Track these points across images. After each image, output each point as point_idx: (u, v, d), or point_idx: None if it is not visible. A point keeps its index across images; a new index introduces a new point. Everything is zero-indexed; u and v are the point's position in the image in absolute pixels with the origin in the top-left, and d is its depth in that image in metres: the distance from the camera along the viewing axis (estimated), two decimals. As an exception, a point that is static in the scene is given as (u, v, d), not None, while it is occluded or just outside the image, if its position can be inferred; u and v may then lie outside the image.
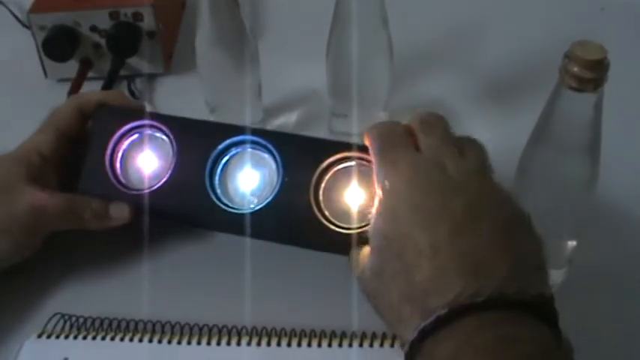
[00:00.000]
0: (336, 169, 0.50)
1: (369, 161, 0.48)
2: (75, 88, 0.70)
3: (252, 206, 0.51)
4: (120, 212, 0.53)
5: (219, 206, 0.51)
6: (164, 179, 0.52)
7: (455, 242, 0.39)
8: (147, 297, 0.53)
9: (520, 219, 0.41)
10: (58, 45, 0.70)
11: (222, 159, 0.53)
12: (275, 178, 0.51)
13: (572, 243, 0.51)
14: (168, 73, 0.75)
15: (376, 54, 0.61)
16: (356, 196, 0.49)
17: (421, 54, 0.76)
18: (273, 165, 0.51)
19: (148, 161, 0.54)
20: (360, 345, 0.48)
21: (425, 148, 0.44)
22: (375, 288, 0.42)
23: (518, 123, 0.50)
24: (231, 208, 0.51)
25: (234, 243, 0.54)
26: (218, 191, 0.52)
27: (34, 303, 0.52)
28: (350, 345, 0.48)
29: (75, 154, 0.55)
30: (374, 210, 0.43)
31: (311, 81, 0.68)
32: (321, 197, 0.50)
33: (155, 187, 0.52)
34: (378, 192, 0.43)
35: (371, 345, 0.48)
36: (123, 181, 0.54)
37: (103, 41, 0.71)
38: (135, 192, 0.53)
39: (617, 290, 0.53)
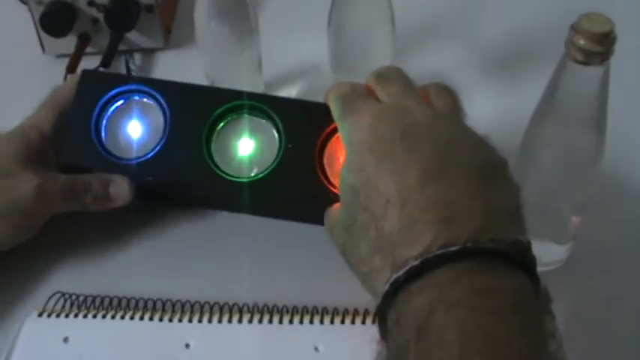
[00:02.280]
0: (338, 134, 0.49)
1: None
2: (73, 64, 0.69)
3: (252, 175, 0.49)
4: (121, 193, 0.52)
5: (217, 175, 0.49)
6: (157, 147, 0.51)
7: (424, 190, 0.37)
8: (148, 275, 0.53)
9: (495, 164, 0.40)
10: (55, 20, 0.68)
11: (218, 125, 0.51)
12: (276, 146, 0.49)
13: (576, 218, 0.51)
14: (167, 47, 0.73)
15: (378, 25, 0.60)
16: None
17: (423, 26, 0.74)
18: (274, 131, 0.50)
19: (137, 129, 0.53)
20: (363, 322, 0.48)
21: (386, 98, 0.44)
22: (345, 242, 0.42)
23: (522, 96, 0.50)
24: (230, 176, 0.49)
25: (234, 220, 0.54)
26: (216, 159, 0.50)
27: (34, 282, 0.52)
28: (352, 322, 0.48)
29: None
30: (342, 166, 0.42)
31: (312, 54, 0.67)
32: (325, 163, 0.49)
33: (147, 156, 0.51)
34: (346, 148, 0.42)
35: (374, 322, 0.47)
36: (110, 150, 0.52)
37: (101, 16, 0.70)
38: (124, 161, 0.51)
39: (622, 266, 0.52)
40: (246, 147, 0.51)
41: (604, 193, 0.52)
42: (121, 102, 0.53)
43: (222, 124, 0.51)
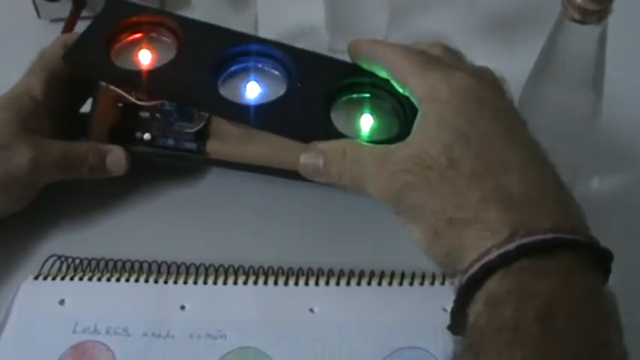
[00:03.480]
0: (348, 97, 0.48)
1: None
2: (68, 28, 0.68)
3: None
4: (117, 163, 0.52)
5: (223, 97, 0.49)
6: (163, 64, 0.50)
7: (535, 168, 0.37)
8: (143, 237, 0.52)
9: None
10: (49, -17, 0.68)
11: (227, 67, 0.50)
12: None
13: (570, 179, 0.50)
14: (163, 9, 0.72)
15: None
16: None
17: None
18: (285, 80, 0.50)
19: (147, 57, 0.52)
20: (358, 284, 0.48)
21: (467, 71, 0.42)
22: (417, 181, 0.38)
23: (519, 56, 0.49)
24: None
25: (228, 181, 0.54)
26: (222, 91, 0.49)
27: (30, 245, 0.52)
28: (348, 284, 0.48)
29: (66, 97, 0.54)
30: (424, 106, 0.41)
31: (309, 16, 0.67)
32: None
33: (152, 68, 0.51)
34: (438, 93, 0.40)
35: (379, 283, 0.48)
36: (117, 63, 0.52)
37: (95, -22, 0.69)
38: (130, 70, 0.51)
39: (620, 227, 0.52)
40: (253, 90, 0.50)
41: (600, 153, 0.51)
42: (139, 35, 0.53)
43: (232, 67, 0.51)
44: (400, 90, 0.44)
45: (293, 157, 0.52)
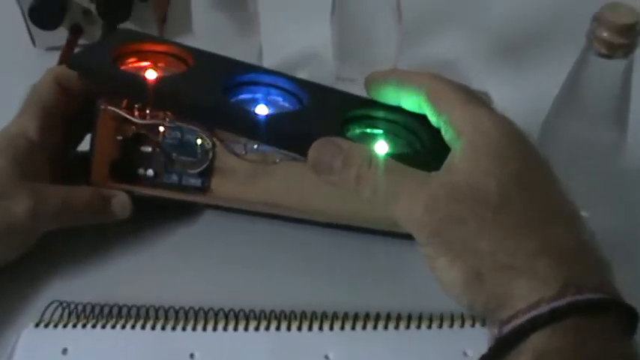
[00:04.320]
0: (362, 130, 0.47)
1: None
2: (65, 57, 0.67)
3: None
4: (121, 209, 0.51)
5: (233, 104, 0.47)
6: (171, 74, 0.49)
7: (577, 219, 0.37)
8: (148, 281, 0.51)
9: None
10: (45, 12, 0.67)
11: (236, 94, 0.49)
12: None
13: (586, 214, 0.49)
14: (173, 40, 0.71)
15: (384, 12, 0.59)
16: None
17: (430, 11, 0.73)
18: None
19: (154, 75, 0.50)
20: (374, 328, 0.47)
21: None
22: (463, 216, 0.36)
23: (534, 85, 0.48)
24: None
25: (237, 223, 0.52)
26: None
27: (30, 291, 0.50)
28: (364, 327, 0.47)
29: (63, 134, 0.53)
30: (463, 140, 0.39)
31: (314, 43, 0.66)
32: None
33: (160, 76, 0.49)
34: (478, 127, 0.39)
35: (396, 327, 0.47)
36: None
37: (92, 6, 0.68)
38: (137, 74, 0.49)
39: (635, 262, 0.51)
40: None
41: (623, 190, 0.50)
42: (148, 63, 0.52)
43: (240, 95, 0.49)
44: (433, 119, 0.42)
45: (305, 196, 0.52)
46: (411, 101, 0.44)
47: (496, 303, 0.35)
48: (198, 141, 0.53)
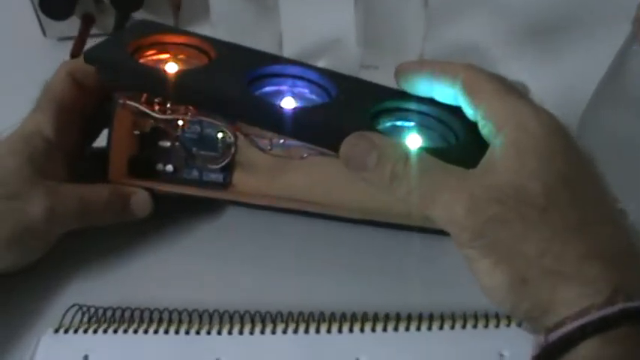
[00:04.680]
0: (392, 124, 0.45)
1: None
2: (77, 47, 0.66)
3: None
4: (142, 207, 0.50)
5: (258, 98, 0.45)
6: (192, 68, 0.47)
7: (623, 221, 0.35)
8: (172, 283, 0.49)
9: None
10: (56, 1, 0.65)
11: (261, 87, 0.47)
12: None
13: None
14: (177, 26, 0.70)
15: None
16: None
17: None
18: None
19: (174, 68, 0.49)
20: (407, 329, 0.45)
21: None
22: (508, 218, 0.34)
23: (558, 68, 0.45)
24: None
25: (262, 219, 0.51)
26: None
27: (48, 295, 0.49)
28: (395, 329, 0.45)
29: (79, 131, 0.51)
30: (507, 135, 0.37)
31: (337, 29, 0.64)
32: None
33: (180, 69, 0.47)
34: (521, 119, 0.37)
35: (429, 328, 0.45)
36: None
37: (104, -5, 0.66)
38: (156, 67, 0.47)
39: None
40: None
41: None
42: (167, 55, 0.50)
43: (265, 87, 0.47)
44: (470, 112, 0.41)
45: (333, 192, 0.51)
46: (446, 93, 0.42)
47: (541, 309, 0.34)
48: (219, 135, 0.52)
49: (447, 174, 0.37)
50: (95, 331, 0.45)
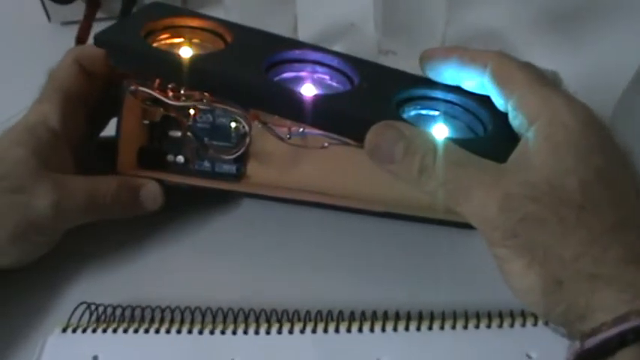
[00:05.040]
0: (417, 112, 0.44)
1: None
2: (83, 32, 0.65)
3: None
4: (152, 200, 0.48)
5: (278, 84, 0.44)
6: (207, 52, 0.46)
7: None
8: (184, 280, 0.48)
9: None
10: (60, -16, 0.64)
11: (279, 73, 0.45)
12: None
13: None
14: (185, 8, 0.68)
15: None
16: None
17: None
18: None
19: (189, 53, 0.47)
20: (430, 328, 0.43)
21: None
22: (543, 217, 0.33)
23: (582, 55, 0.44)
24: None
25: (278, 209, 0.50)
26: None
27: (55, 292, 0.47)
28: (418, 329, 0.43)
29: (86, 121, 0.50)
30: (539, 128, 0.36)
31: (354, 13, 0.63)
32: None
33: (199, 54, 0.46)
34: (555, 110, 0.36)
35: (453, 327, 0.44)
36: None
37: (111, -24, 0.65)
38: (170, 52, 0.46)
39: None
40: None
41: None
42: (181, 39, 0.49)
43: (283, 73, 0.46)
44: (500, 103, 0.39)
45: (355, 183, 0.49)
46: (474, 82, 0.41)
47: (577, 313, 0.32)
48: (232, 124, 0.50)
49: (479, 168, 0.35)
50: (104, 331, 0.44)
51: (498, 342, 0.43)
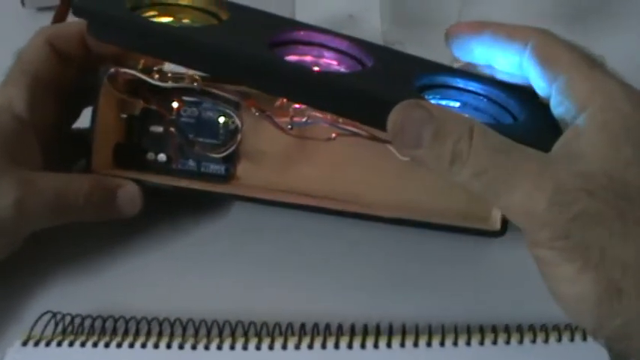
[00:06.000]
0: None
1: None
2: (59, 18, 0.62)
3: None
4: (130, 203, 0.45)
5: (286, 60, 0.40)
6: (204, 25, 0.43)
7: None
8: (163, 287, 0.45)
9: None
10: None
11: (281, 54, 0.42)
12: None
13: None
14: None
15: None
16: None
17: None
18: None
19: None
20: (468, 343, 0.40)
21: None
22: (601, 215, 0.30)
23: (604, 48, 0.41)
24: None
25: (270, 218, 0.47)
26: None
27: (17, 300, 0.44)
28: (468, 343, 0.40)
29: (56, 109, 0.46)
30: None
31: (355, 3, 0.60)
32: None
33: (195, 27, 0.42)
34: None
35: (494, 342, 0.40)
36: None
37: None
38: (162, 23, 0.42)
39: None
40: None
41: None
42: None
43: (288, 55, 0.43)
44: (541, 86, 0.37)
45: (356, 183, 0.46)
46: (509, 61, 0.38)
47: (632, 328, 0.29)
48: (221, 119, 0.47)
49: (525, 156, 0.32)
50: (71, 344, 0.40)
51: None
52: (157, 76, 0.44)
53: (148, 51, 0.42)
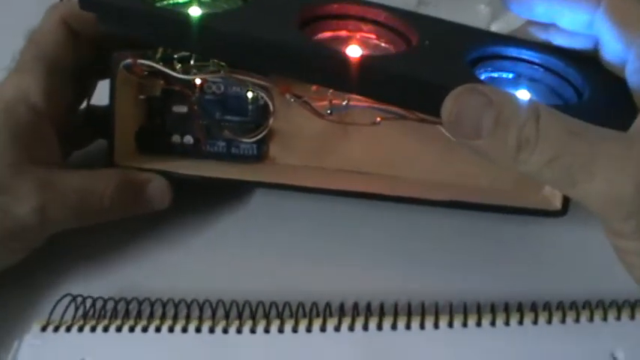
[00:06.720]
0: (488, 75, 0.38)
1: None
2: None
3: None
4: (159, 199, 0.43)
5: (317, 43, 0.38)
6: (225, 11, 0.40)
7: None
8: (189, 268, 0.43)
9: None
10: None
11: (313, 31, 0.40)
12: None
13: None
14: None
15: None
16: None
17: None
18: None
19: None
20: (507, 323, 0.39)
21: None
22: None
23: None
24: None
25: (305, 202, 0.45)
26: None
27: (35, 282, 0.42)
28: (492, 323, 0.39)
29: (74, 95, 0.44)
30: None
31: None
32: None
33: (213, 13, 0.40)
34: None
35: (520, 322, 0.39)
36: None
37: None
38: (178, 11, 0.39)
39: None
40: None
41: None
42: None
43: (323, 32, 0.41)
44: (615, 49, 0.34)
45: (404, 165, 0.44)
46: (577, 19, 0.36)
47: None
48: (249, 94, 0.44)
49: (602, 137, 0.29)
50: (93, 329, 0.38)
51: (576, 340, 0.39)
52: (178, 65, 0.42)
53: (162, 43, 0.41)
